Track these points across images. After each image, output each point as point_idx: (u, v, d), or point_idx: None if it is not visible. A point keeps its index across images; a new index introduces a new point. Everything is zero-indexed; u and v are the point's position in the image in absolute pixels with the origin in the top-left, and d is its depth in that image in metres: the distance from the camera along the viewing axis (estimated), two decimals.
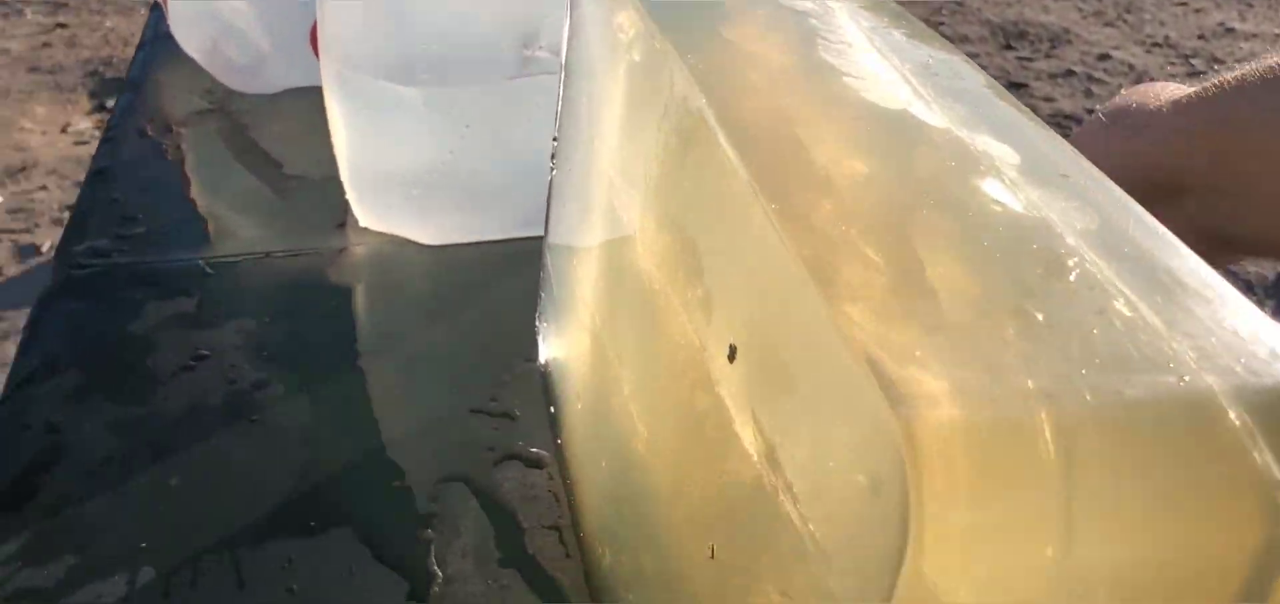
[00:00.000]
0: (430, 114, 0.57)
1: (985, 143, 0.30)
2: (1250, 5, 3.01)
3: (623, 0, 0.41)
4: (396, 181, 0.59)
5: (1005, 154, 0.29)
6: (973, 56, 2.62)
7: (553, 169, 0.49)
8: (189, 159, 0.69)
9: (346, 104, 0.58)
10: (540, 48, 0.57)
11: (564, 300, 0.48)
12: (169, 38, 0.79)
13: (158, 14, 0.91)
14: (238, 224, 0.62)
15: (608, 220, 0.41)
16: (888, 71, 0.34)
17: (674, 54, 0.35)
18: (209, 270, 0.57)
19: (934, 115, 0.31)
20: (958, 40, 2.77)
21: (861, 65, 0.34)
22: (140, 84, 0.80)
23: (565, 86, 0.48)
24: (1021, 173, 0.29)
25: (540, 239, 0.59)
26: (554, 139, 0.49)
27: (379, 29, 0.56)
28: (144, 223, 0.62)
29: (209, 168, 0.68)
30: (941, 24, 2.87)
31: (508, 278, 0.59)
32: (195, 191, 0.66)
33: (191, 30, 0.76)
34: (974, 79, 0.35)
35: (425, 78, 0.57)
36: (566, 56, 0.47)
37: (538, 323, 0.52)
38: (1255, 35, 2.79)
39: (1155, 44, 2.75)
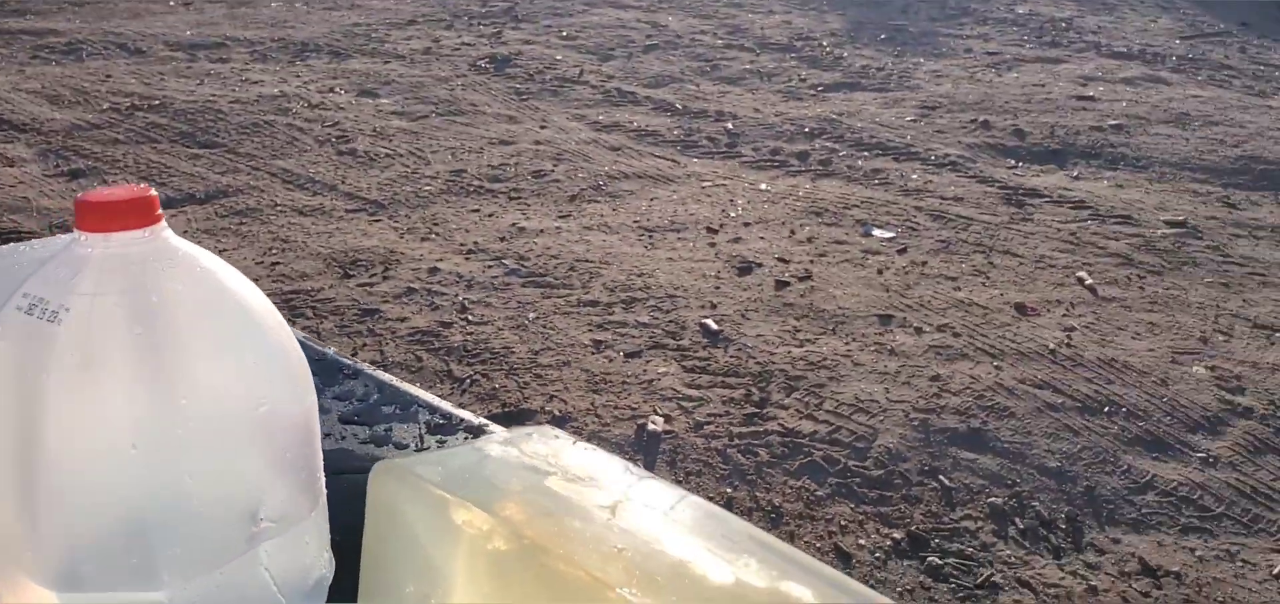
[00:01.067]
0: None
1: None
2: (528, 205, 3.60)
3: (459, 502, 0.54)
4: None
5: None
6: (318, 291, 2.80)
7: None
8: None
9: None
10: (262, 520, 0.65)
11: None
12: None
13: None
14: None
15: None
16: (701, 550, 0.52)
17: (573, 563, 0.50)
18: None
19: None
20: (296, 277, 2.94)
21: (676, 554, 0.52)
22: None
23: (367, 568, 0.59)
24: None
25: None
26: None
27: (117, 544, 0.60)
28: None
29: None
30: (277, 263, 3.01)
31: None
32: None
33: None
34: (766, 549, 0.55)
35: (168, 579, 0.61)
36: (368, 539, 0.59)
37: None
38: (541, 231, 3.36)
39: (469, 251, 3.18)
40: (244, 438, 0.65)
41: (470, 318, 2.75)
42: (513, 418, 2.26)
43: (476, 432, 1.00)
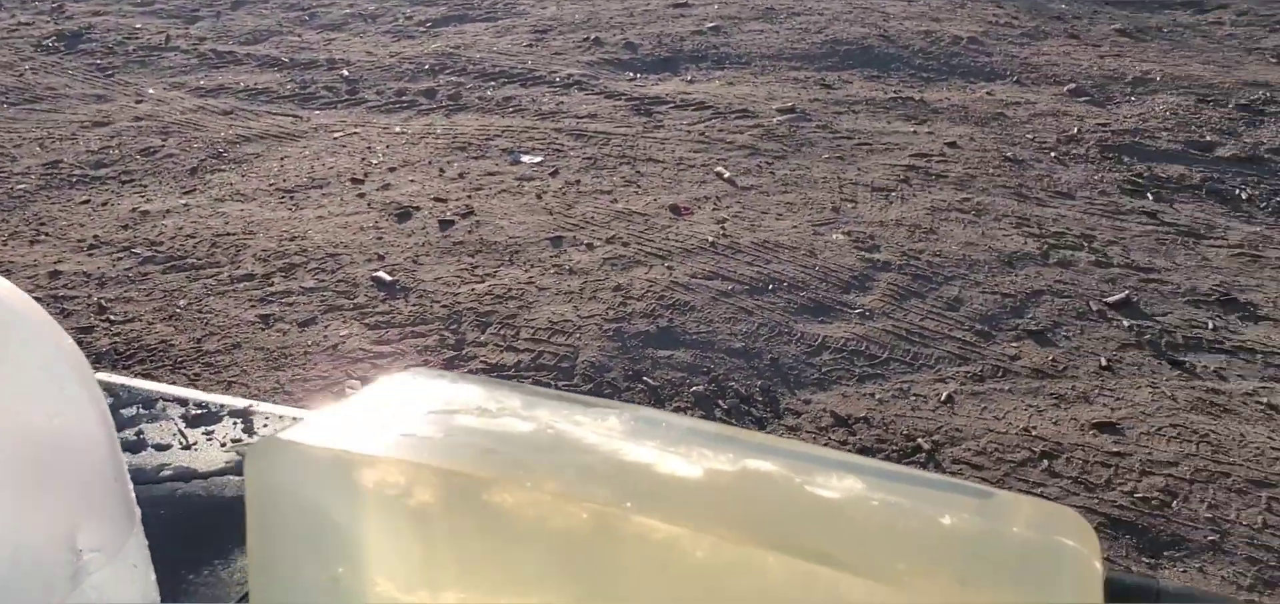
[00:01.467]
0: None
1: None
2: (145, 186, 3.26)
3: (364, 459, 0.47)
4: None
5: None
6: None
7: None
8: None
9: None
10: (84, 550, 0.54)
11: None
12: None
13: None
14: None
15: None
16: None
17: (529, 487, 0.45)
18: None
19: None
20: None
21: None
22: None
23: (255, 566, 0.50)
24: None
25: None
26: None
27: None
28: None
29: None
30: None
31: None
32: None
33: None
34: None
35: None
36: (252, 534, 0.50)
37: None
38: (168, 211, 3.06)
39: (91, 246, 2.83)
40: (45, 458, 0.53)
41: (113, 317, 2.46)
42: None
43: (244, 414, 0.89)
